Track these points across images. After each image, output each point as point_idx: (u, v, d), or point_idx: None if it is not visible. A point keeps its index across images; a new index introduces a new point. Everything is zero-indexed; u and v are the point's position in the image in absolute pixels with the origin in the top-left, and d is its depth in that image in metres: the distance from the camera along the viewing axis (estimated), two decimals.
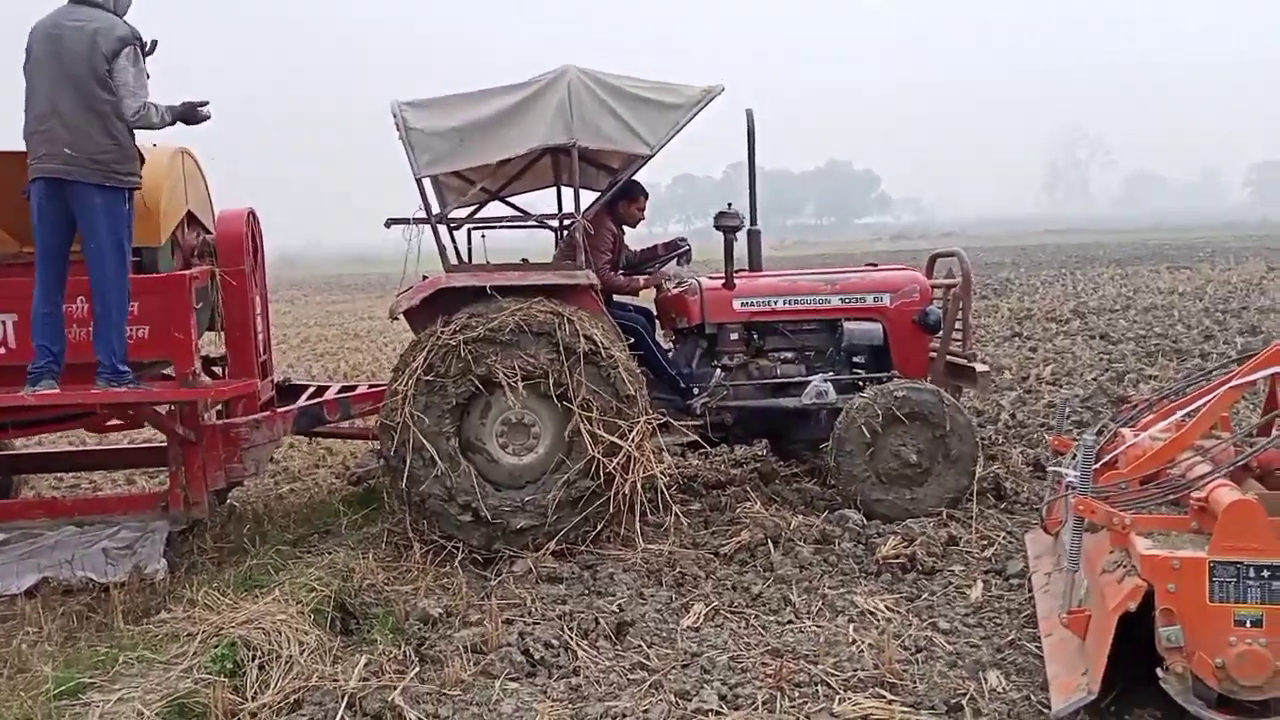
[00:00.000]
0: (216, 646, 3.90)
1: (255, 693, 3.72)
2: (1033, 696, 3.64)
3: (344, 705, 3.63)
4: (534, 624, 4.42)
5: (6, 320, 5.26)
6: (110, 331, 4.89)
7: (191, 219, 5.99)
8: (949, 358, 6.19)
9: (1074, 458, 4.22)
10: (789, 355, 6.22)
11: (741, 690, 3.76)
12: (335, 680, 3.80)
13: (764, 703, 3.65)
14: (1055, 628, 3.78)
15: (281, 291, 30.81)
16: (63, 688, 3.74)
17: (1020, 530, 5.34)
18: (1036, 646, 3.98)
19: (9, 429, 5.73)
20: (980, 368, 6.06)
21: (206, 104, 5.17)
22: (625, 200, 6.37)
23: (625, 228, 6.57)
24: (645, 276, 6.49)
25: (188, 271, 5.51)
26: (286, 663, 3.89)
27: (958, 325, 6.20)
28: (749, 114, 6.16)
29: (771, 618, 4.49)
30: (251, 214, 6.08)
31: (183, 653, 3.92)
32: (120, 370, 4.89)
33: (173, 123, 5.09)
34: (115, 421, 6.05)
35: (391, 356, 14.29)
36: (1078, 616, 3.56)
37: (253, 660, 3.87)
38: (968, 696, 3.65)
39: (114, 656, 4.00)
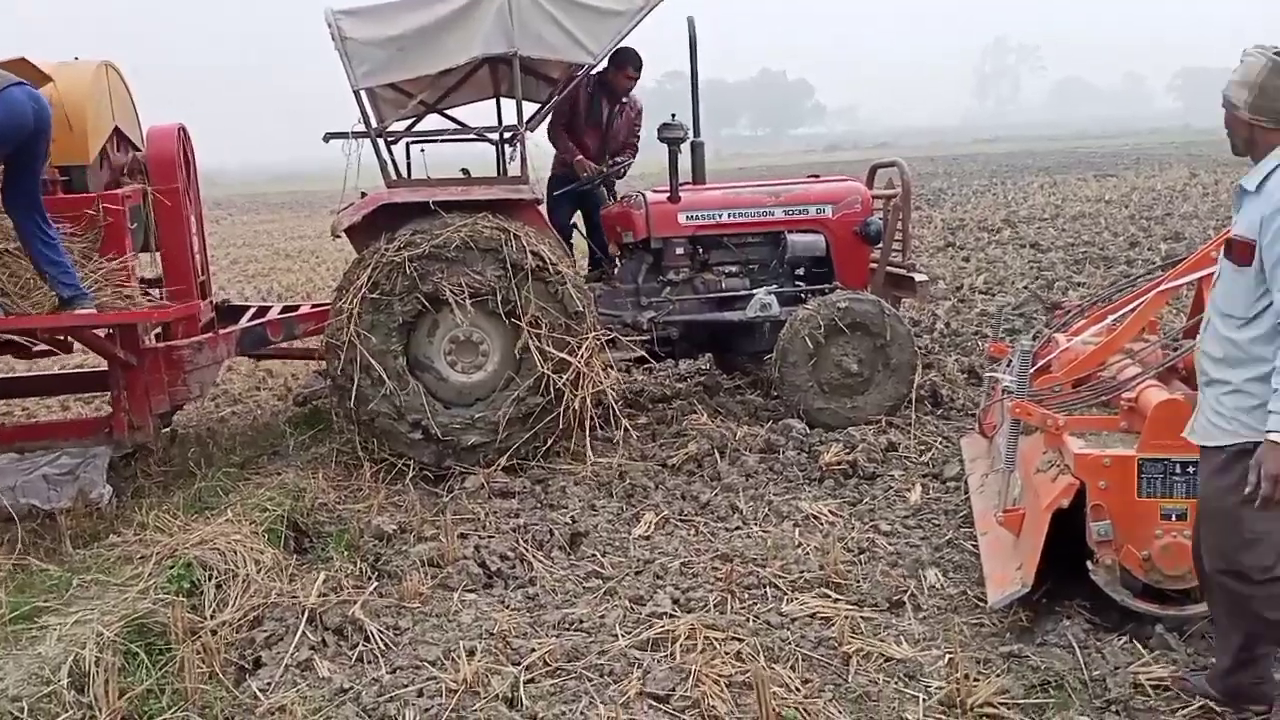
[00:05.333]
0: (172, 567, 3.90)
1: (214, 611, 3.74)
2: (969, 591, 3.84)
3: (304, 620, 3.68)
4: (489, 537, 4.50)
5: None
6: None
7: (120, 136, 5.78)
8: (889, 268, 6.29)
9: (1010, 363, 4.37)
10: (733, 269, 6.26)
11: (694, 594, 3.90)
12: (294, 597, 3.84)
13: (715, 605, 3.80)
14: (991, 526, 3.96)
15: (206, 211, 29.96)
16: (18, 612, 3.73)
17: (956, 435, 5.54)
18: (973, 545, 4.18)
19: None
20: (919, 277, 6.18)
21: None
22: (614, 68, 6.40)
23: (623, 99, 6.64)
24: (593, 169, 6.52)
25: (120, 190, 5.33)
26: (244, 581, 3.92)
27: (897, 236, 6.29)
28: (690, 22, 6.06)
29: (720, 524, 4.64)
30: (182, 129, 5.87)
31: (137, 574, 3.90)
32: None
33: None
34: (42, 348, 5.88)
35: (325, 276, 14.07)
36: (1013, 515, 3.74)
37: (209, 580, 3.88)
38: (908, 593, 3.84)
39: (67, 580, 3.98)
